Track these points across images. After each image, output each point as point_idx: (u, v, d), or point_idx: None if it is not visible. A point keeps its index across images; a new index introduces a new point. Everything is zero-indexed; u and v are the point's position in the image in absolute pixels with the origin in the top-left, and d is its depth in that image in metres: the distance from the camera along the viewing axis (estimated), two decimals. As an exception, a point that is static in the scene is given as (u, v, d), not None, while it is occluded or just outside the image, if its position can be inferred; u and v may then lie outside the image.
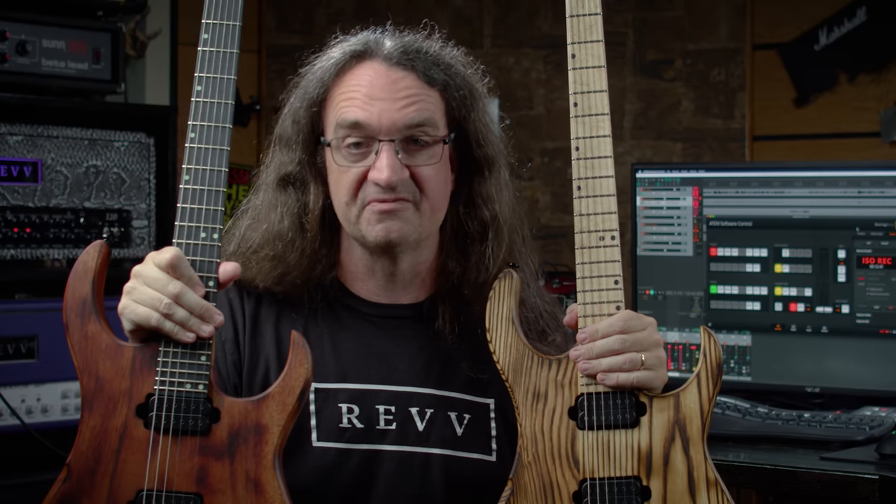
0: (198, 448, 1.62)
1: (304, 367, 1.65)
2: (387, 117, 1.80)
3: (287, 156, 1.91)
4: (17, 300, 2.91)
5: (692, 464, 1.70)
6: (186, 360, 1.63)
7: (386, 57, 1.85)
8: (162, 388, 1.63)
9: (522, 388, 1.73)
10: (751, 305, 2.88)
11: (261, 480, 1.61)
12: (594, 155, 1.76)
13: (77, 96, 3.08)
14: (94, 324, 1.66)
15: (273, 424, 1.63)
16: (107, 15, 3.11)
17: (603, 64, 1.76)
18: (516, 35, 4.03)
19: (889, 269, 2.76)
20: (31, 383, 2.85)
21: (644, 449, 1.70)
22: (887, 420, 2.57)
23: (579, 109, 1.76)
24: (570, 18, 1.77)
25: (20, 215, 2.89)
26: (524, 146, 4.02)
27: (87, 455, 1.63)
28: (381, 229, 1.82)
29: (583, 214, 1.76)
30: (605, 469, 1.70)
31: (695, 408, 1.72)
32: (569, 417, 1.72)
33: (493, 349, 1.75)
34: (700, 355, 1.74)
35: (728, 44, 3.85)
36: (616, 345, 1.71)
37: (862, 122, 3.68)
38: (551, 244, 3.93)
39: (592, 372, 1.71)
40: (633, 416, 1.71)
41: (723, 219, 2.91)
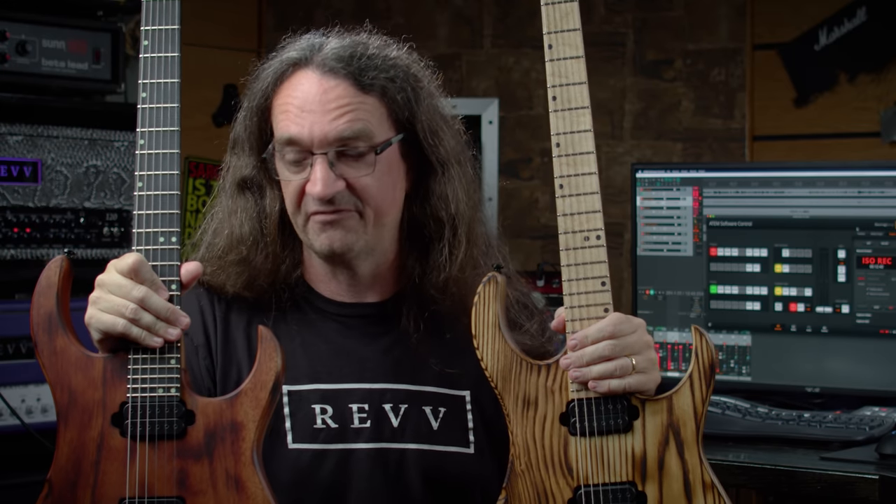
0: (175, 451, 1.62)
1: (273, 360, 1.65)
2: (318, 130, 1.79)
3: (242, 160, 1.91)
4: (17, 300, 2.91)
5: (687, 467, 1.67)
6: (156, 364, 1.63)
7: (319, 64, 1.83)
8: (134, 396, 1.63)
9: (512, 395, 1.70)
10: (751, 305, 2.88)
11: (241, 477, 1.61)
12: (575, 151, 1.69)
13: (77, 96, 3.08)
14: (61, 338, 1.66)
15: (248, 421, 1.63)
16: (107, 15, 3.11)
17: (581, 54, 1.69)
18: (516, 35, 4.03)
19: (889, 269, 2.76)
20: (31, 383, 2.85)
21: (638, 454, 1.67)
22: (887, 420, 2.57)
23: (558, 104, 1.69)
24: (545, 6, 1.70)
25: (20, 215, 2.89)
26: (524, 146, 4.02)
27: (66, 469, 1.62)
28: (324, 239, 1.82)
29: (566, 214, 1.69)
30: (599, 475, 1.67)
31: (688, 410, 1.68)
32: (560, 424, 1.69)
33: (481, 356, 1.71)
34: (692, 356, 1.70)
35: (728, 44, 3.85)
36: (607, 351, 1.68)
37: (862, 122, 3.68)
38: (551, 244, 3.93)
39: (583, 380, 1.68)
40: (625, 420, 1.68)
41: (723, 219, 2.91)
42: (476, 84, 4.05)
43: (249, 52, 4.09)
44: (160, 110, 1.69)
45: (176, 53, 1.71)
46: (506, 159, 3.98)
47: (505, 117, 4.00)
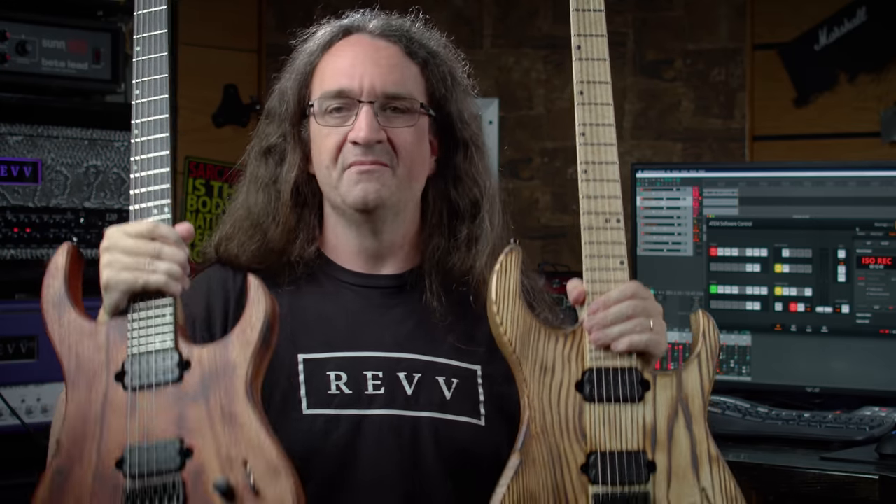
0: (173, 397, 1.67)
1: (262, 302, 1.71)
2: (367, 80, 1.89)
3: (271, 128, 1.99)
4: (17, 300, 2.91)
5: (695, 440, 1.73)
6: (152, 320, 1.71)
7: (371, 30, 1.95)
8: (134, 350, 1.70)
9: (530, 360, 1.74)
10: (751, 305, 2.88)
11: (235, 412, 1.65)
12: (599, 141, 1.83)
13: (77, 96, 3.08)
14: (70, 312, 1.74)
15: (241, 360, 1.68)
16: (107, 15, 3.10)
17: (607, 58, 1.81)
18: (516, 35, 4.03)
19: (889, 269, 2.76)
20: (31, 383, 2.85)
21: (649, 424, 1.73)
22: (887, 420, 2.57)
23: (585, 98, 1.82)
24: (574, 12, 1.82)
25: (20, 215, 2.89)
26: (524, 146, 4.02)
27: (74, 427, 1.68)
28: (359, 190, 1.88)
29: (589, 196, 1.80)
30: (612, 442, 1.72)
31: (696, 386, 1.76)
32: (576, 391, 1.74)
33: (501, 321, 1.75)
34: (700, 337, 1.78)
35: (728, 44, 3.85)
36: (629, 310, 1.75)
37: (862, 122, 3.68)
38: (551, 244, 3.93)
39: (605, 341, 1.74)
40: (639, 391, 1.74)
41: (723, 219, 2.92)
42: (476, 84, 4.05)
43: (249, 52, 4.09)
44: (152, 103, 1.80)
45: (164, 53, 1.82)
46: (506, 159, 3.98)
47: (505, 117, 4.00)
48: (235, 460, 1.62)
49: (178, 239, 1.73)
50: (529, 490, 1.69)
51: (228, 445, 1.63)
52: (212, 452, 1.63)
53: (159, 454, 1.64)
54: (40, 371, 2.82)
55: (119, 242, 1.72)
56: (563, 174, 3.95)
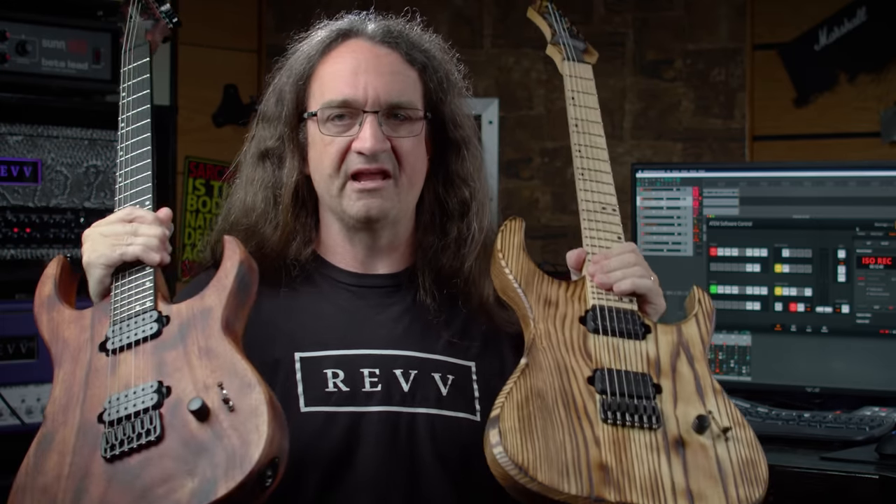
0: (152, 349, 1.71)
1: (235, 253, 1.77)
2: (371, 90, 1.89)
3: (267, 131, 1.99)
4: (17, 300, 2.91)
5: (698, 374, 1.75)
6: (133, 289, 1.76)
7: (370, 35, 1.95)
8: (115, 317, 1.75)
9: (534, 294, 1.78)
10: (751, 305, 2.88)
11: (211, 346, 1.68)
12: (594, 157, 1.93)
13: (77, 96, 3.08)
14: (59, 307, 1.79)
15: (216, 303, 1.73)
16: (107, 15, 3.11)
17: (597, 108, 1.98)
18: (516, 35, 4.03)
19: (889, 269, 2.76)
20: (31, 383, 2.85)
21: (653, 357, 1.75)
22: (887, 420, 2.57)
23: (579, 129, 1.96)
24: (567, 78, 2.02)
25: (20, 215, 2.90)
26: (524, 146, 4.02)
27: (59, 399, 1.71)
28: (361, 206, 1.90)
29: (586, 191, 1.89)
30: (617, 364, 1.73)
31: (696, 336, 1.80)
32: (580, 323, 1.76)
33: (506, 264, 1.80)
34: (696, 303, 1.85)
35: (728, 44, 3.85)
36: (631, 259, 1.81)
37: (862, 122, 3.68)
38: (551, 244, 3.93)
39: (608, 282, 1.80)
40: (641, 329, 1.77)
41: (723, 219, 2.92)
42: (476, 84, 4.05)
43: (249, 52, 4.09)
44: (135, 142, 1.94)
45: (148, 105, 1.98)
46: (506, 159, 3.98)
47: (505, 117, 4.00)
48: (211, 386, 1.64)
49: (155, 218, 1.80)
50: (537, 387, 1.67)
51: (205, 375, 1.65)
52: (189, 385, 1.65)
53: (137, 396, 1.65)
54: (40, 371, 2.82)
55: (98, 228, 1.81)
56: (563, 174, 3.96)
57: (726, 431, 1.68)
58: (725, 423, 1.69)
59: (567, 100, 1.97)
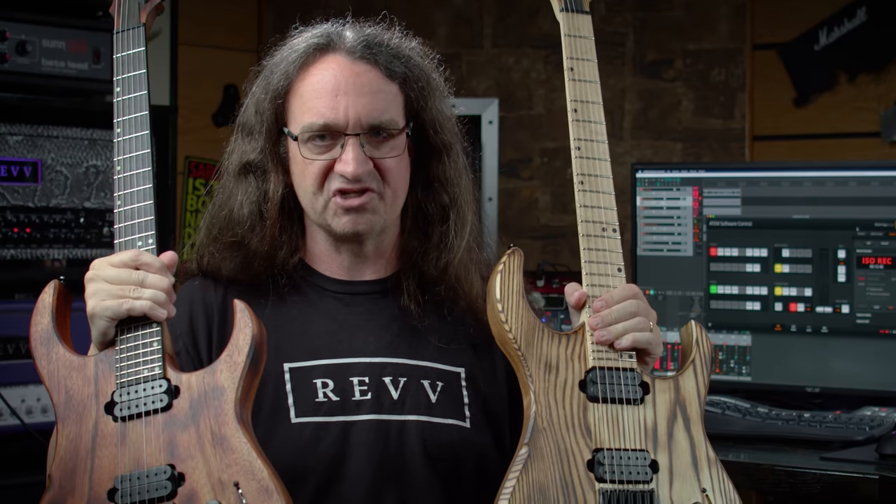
0: (163, 424, 1.68)
1: (249, 326, 1.73)
2: (353, 112, 1.87)
3: (249, 145, 1.96)
4: (17, 300, 2.91)
5: (694, 442, 1.76)
6: (139, 349, 1.72)
7: (349, 50, 1.90)
8: (122, 380, 1.71)
9: (535, 357, 1.77)
10: (751, 305, 2.88)
11: (225, 435, 1.66)
12: (594, 156, 1.87)
13: (77, 96, 3.08)
14: (58, 348, 1.75)
15: (229, 383, 1.70)
16: (107, 15, 3.10)
17: (597, 80, 1.89)
18: (516, 35, 4.03)
19: (889, 269, 2.76)
20: (31, 383, 2.85)
21: (650, 425, 1.76)
22: (887, 420, 2.57)
23: (579, 115, 1.87)
24: (565, 37, 1.90)
25: (20, 215, 2.89)
26: (524, 146, 4.02)
27: (65, 460, 1.68)
28: (347, 221, 1.89)
29: (586, 206, 1.86)
30: (616, 441, 1.74)
31: (693, 391, 1.79)
32: (580, 390, 1.76)
33: (506, 319, 1.77)
34: (693, 345, 1.83)
35: (728, 44, 3.85)
36: (632, 307, 1.79)
37: (862, 122, 3.68)
38: (551, 244, 3.93)
39: (609, 338, 1.77)
40: (639, 393, 1.77)
41: (723, 219, 2.92)
42: (476, 84, 4.05)
43: (249, 52, 4.09)
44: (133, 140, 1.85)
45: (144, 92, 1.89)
46: (506, 159, 3.98)
47: (505, 117, 4.00)
48: (227, 483, 1.63)
49: (161, 266, 1.74)
50: (539, 482, 1.70)
51: (220, 469, 1.64)
52: (203, 476, 1.64)
53: (150, 482, 1.64)
54: (40, 371, 2.82)
55: (102, 272, 1.73)
56: (563, 174, 3.96)
57: None
58: (719, 502, 1.74)
59: (565, 70, 1.91)
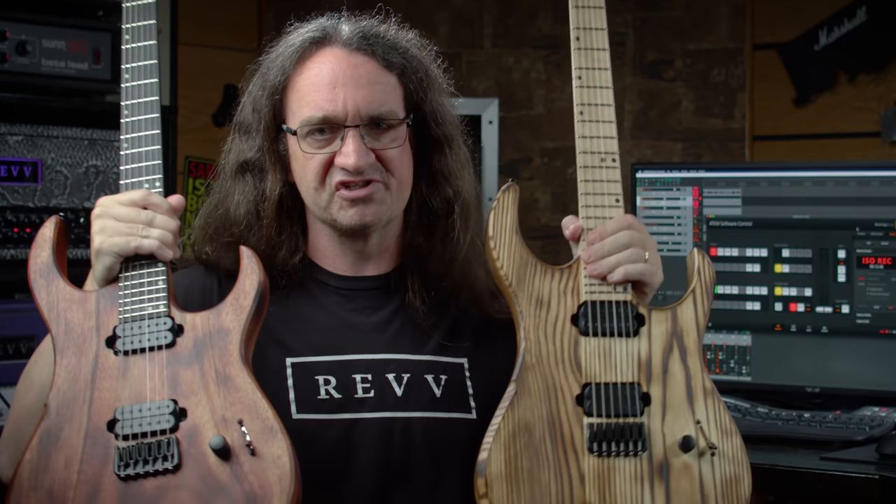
0: (166, 360, 1.68)
1: (255, 272, 1.74)
2: (351, 104, 1.85)
3: (247, 143, 1.95)
4: (17, 300, 2.92)
5: (689, 373, 1.76)
6: (144, 286, 1.72)
7: (345, 43, 1.89)
8: (125, 315, 1.71)
9: (526, 294, 1.77)
10: (751, 305, 2.88)
11: (230, 374, 1.67)
12: (596, 84, 1.84)
13: (77, 96, 3.08)
14: (58, 281, 1.75)
15: (234, 325, 1.70)
16: (107, 15, 3.11)
17: (603, 5, 1.84)
18: (516, 35, 4.03)
19: (889, 269, 2.76)
20: (31, 383, 2.85)
21: (644, 357, 1.75)
22: (887, 420, 2.57)
23: (581, 43, 1.84)
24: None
25: (20, 215, 2.90)
26: (524, 146, 4.02)
27: (63, 390, 1.68)
28: (353, 213, 1.87)
29: (585, 136, 1.83)
30: (606, 374, 1.74)
31: (691, 322, 1.78)
32: (571, 324, 1.76)
33: (497, 256, 1.78)
34: (695, 274, 1.81)
35: (728, 44, 3.85)
36: (625, 239, 1.78)
37: (862, 122, 3.68)
38: (551, 244, 3.93)
39: (602, 271, 1.77)
40: (634, 325, 1.76)
41: (723, 219, 2.92)
42: (476, 84, 4.05)
43: (249, 52, 4.09)
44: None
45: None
46: (506, 159, 3.98)
47: (505, 117, 4.00)
48: (230, 421, 1.63)
49: (170, 208, 1.75)
50: (525, 419, 1.70)
51: (223, 407, 1.64)
52: (206, 413, 1.64)
53: (153, 415, 1.64)
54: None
55: (111, 209, 1.74)
56: (563, 174, 3.96)
57: (712, 448, 1.72)
58: (713, 435, 1.73)
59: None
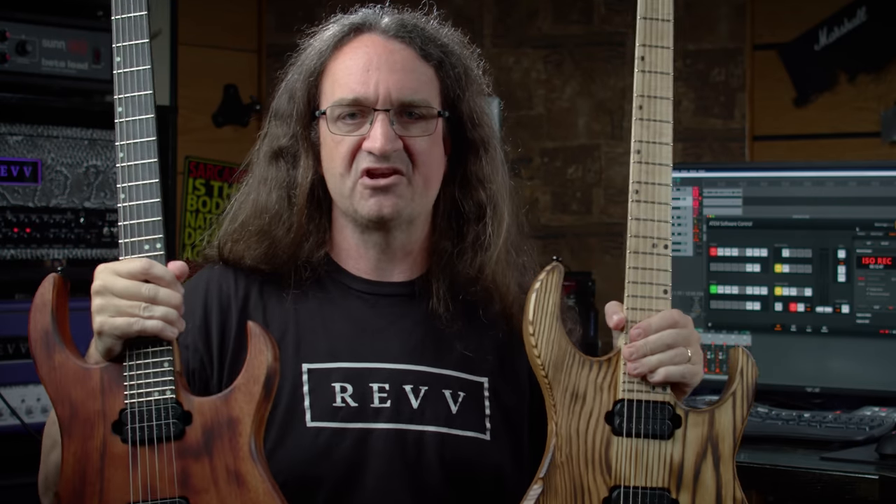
0: (175, 452, 1.63)
1: (264, 354, 1.67)
2: (383, 88, 1.82)
3: (280, 129, 1.92)
4: (17, 300, 2.91)
5: (721, 482, 1.70)
6: (150, 369, 1.65)
7: (384, 30, 1.87)
8: (132, 402, 1.65)
9: (562, 386, 1.71)
10: (751, 305, 2.88)
11: (241, 472, 1.63)
12: (655, 161, 1.74)
13: (77, 96, 3.08)
14: (59, 353, 1.67)
15: (244, 415, 1.65)
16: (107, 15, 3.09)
17: (670, 72, 1.74)
18: (516, 35, 4.03)
19: (889, 269, 2.76)
20: (30, 383, 2.85)
21: (676, 462, 1.69)
22: (887, 420, 2.57)
23: (644, 113, 1.74)
24: (641, 20, 1.75)
25: (20, 215, 2.89)
26: (524, 146, 4.01)
27: (73, 480, 1.64)
28: (373, 204, 1.82)
29: (638, 219, 1.74)
30: (636, 478, 1.68)
31: (728, 426, 1.72)
32: (605, 422, 1.70)
33: (536, 343, 1.72)
34: (737, 374, 1.74)
35: (728, 44, 3.85)
36: (670, 339, 1.71)
37: (862, 122, 3.68)
38: (551, 244, 3.93)
39: (643, 371, 1.70)
40: (669, 427, 1.70)
41: (723, 219, 2.91)
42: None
43: (249, 52, 4.09)
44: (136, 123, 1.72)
45: (148, 66, 1.74)
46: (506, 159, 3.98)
47: (505, 117, 4.00)
48: None
49: (172, 279, 1.66)
50: None
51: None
52: None
53: None
54: (40, 371, 2.82)
55: (111, 285, 1.64)
56: (563, 174, 3.96)
57: None
58: None
59: (636, 59, 1.74)
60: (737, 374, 1.74)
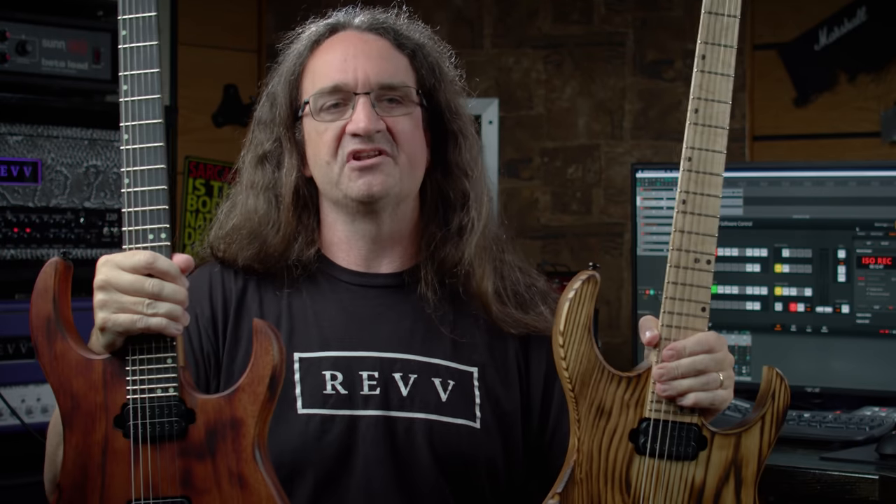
0: (178, 451, 1.63)
1: (269, 354, 1.65)
2: (362, 73, 1.89)
3: (264, 134, 1.98)
4: (17, 300, 2.91)
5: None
6: (154, 365, 1.63)
7: (357, 26, 1.95)
8: (134, 398, 1.63)
9: (587, 400, 1.67)
10: (751, 305, 2.88)
11: (244, 474, 1.62)
12: (706, 170, 1.66)
13: (77, 96, 3.08)
14: (61, 342, 1.65)
15: (248, 416, 1.64)
16: (107, 15, 3.11)
17: (731, 74, 1.64)
18: (516, 35, 4.03)
19: (889, 269, 2.76)
20: (31, 383, 2.85)
21: (697, 484, 1.66)
22: (887, 420, 2.57)
23: (699, 117, 1.64)
24: (705, 14, 1.65)
25: (20, 215, 2.90)
26: (524, 146, 4.02)
27: (74, 473, 1.63)
28: (362, 184, 1.87)
29: (683, 231, 1.67)
30: (655, 499, 1.66)
31: (754, 451, 1.68)
32: (629, 440, 1.67)
33: (564, 355, 1.67)
34: (768, 397, 1.69)
35: (728, 44, 3.85)
36: (702, 364, 1.68)
37: (862, 122, 3.68)
38: (551, 244, 3.93)
39: (672, 394, 1.68)
40: (693, 449, 1.67)
41: (723, 219, 2.90)
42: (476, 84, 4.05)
43: (249, 52, 4.09)
44: (143, 103, 1.64)
45: (154, 42, 1.65)
46: (506, 159, 3.98)
47: (505, 117, 4.00)
48: None
49: (177, 273, 1.64)
50: None
51: None
52: None
53: None
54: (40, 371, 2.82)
55: (114, 280, 1.62)
56: (563, 174, 3.95)
57: None
58: None
59: (696, 57, 1.63)
60: (768, 397, 1.70)
